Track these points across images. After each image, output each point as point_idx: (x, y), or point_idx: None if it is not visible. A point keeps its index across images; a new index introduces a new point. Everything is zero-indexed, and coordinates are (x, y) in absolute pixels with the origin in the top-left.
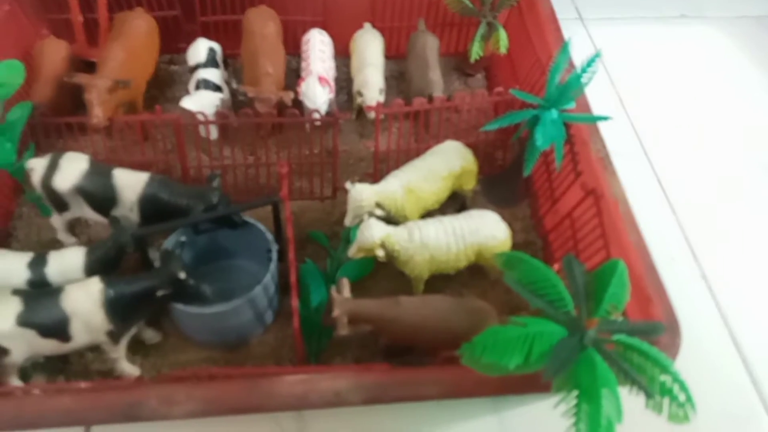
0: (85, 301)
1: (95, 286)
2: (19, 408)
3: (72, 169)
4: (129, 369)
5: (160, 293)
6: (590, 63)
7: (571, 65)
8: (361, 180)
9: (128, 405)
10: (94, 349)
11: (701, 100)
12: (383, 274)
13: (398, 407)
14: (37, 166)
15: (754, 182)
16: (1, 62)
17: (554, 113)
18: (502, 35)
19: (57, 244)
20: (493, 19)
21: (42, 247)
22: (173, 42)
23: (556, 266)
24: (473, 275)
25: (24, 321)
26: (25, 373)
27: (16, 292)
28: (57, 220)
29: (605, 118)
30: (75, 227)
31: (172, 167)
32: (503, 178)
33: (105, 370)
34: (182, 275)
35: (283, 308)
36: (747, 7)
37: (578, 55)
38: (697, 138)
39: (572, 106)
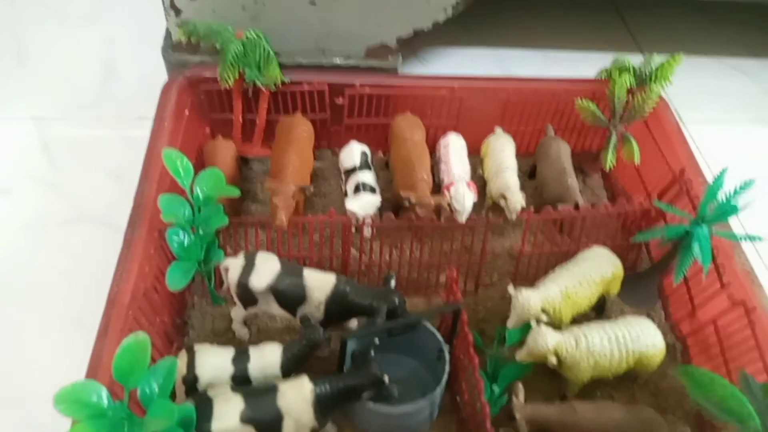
0: (298, 401)
1: (307, 385)
2: None
3: (267, 269)
4: None
5: (366, 395)
6: (744, 187)
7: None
8: (501, 279)
9: None
10: None
11: None
12: (535, 373)
13: None
14: (233, 266)
15: None
16: (204, 172)
17: (706, 230)
18: (635, 147)
19: (229, 333)
20: (623, 130)
21: (216, 337)
22: (317, 139)
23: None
24: (620, 377)
25: (246, 418)
26: None
27: (236, 389)
28: (239, 313)
29: (758, 238)
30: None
31: (324, 259)
32: (639, 280)
33: None
34: (386, 379)
35: (444, 404)
36: None
37: None
38: None
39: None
